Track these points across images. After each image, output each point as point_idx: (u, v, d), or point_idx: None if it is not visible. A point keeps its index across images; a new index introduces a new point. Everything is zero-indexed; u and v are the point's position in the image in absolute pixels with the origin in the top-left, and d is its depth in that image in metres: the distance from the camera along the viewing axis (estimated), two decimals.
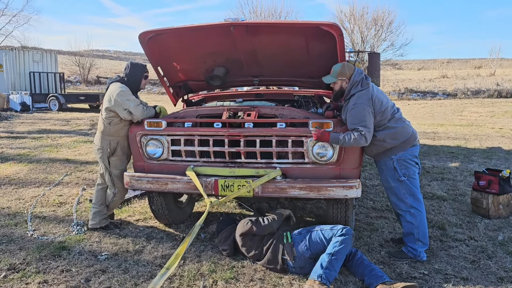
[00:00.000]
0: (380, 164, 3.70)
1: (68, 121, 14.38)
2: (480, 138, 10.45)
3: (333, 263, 3.09)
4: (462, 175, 6.59)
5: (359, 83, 3.53)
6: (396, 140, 3.55)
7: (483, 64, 43.46)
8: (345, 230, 3.25)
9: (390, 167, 3.61)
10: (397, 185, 3.61)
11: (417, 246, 3.59)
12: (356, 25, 28.86)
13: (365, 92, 3.49)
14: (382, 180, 3.78)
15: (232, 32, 3.93)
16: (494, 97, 23.39)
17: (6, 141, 9.83)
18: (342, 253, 3.16)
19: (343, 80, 3.61)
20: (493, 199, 4.56)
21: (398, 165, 3.58)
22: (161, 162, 3.86)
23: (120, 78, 4.09)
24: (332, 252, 3.13)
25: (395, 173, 3.60)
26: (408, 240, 3.64)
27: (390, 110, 3.58)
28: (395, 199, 3.67)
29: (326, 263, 3.08)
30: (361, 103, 3.44)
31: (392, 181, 3.63)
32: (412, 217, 3.60)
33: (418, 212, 3.61)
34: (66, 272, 3.34)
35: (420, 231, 3.60)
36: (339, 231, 3.26)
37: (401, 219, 3.72)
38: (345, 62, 3.73)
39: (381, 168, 3.72)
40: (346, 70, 3.57)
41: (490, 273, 3.36)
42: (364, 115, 3.42)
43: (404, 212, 3.64)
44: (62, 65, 34.02)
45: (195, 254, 3.69)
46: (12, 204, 5.09)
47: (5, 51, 20.25)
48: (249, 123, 3.65)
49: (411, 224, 3.61)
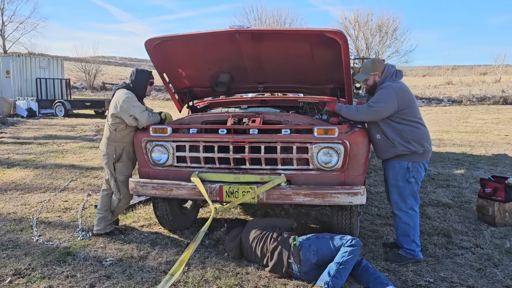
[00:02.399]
0: (394, 162, 3.68)
1: (74, 127, 14.47)
2: (486, 145, 10.40)
3: (340, 272, 3.09)
4: (468, 182, 6.56)
5: (393, 74, 3.67)
6: (420, 145, 3.58)
7: (488, 71, 43.31)
8: (355, 241, 3.27)
9: (404, 167, 3.62)
10: (404, 185, 3.64)
11: (413, 247, 3.65)
12: (361, 32, 28.97)
13: (399, 82, 3.64)
14: (389, 177, 3.75)
15: (237, 39, 3.95)
16: (500, 104, 23.31)
17: (13, 147, 9.90)
18: (350, 263, 3.17)
19: (376, 74, 3.74)
20: (499, 206, 4.53)
21: (412, 167, 3.61)
22: (166, 168, 3.88)
23: (126, 85, 4.12)
24: (341, 261, 3.14)
25: (406, 173, 3.62)
26: (404, 241, 3.67)
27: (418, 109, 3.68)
28: (397, 198, 3.68)
29: (334, 272, 3.09)
30: (392, 88, 3.55)
31: (401, 180, 3.64)
32: (409, 218, 3.65)
33: (415, 214, 3.68)
34: (71, 277, 3.35)
35: (416, 232, 3.68)
36: (348, 241, 3.27)
37: (397, 220, 3.73)
38: (374, 58, 3.84)
39: (393, 166, 3.69)
40: (378, 64, 3.74)
41: (496, 281, 3.33)
42: (384, 98, 3.54)
43: (402, 212, 3.66)
44: (68, 71, 34.29)
45: (199, 260, 3.68)
46: (18, 209, 5.12)
47: (12, 58, 20.48)
48: (254, 129, 3.66)
49: (408, 226, 3.65)
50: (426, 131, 3.68)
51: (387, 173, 3.79)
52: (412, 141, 3.57)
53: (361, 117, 3.61)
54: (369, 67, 3.74)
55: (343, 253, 3.19)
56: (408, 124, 3.58)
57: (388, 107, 3.53)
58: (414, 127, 3.58)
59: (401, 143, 3.57)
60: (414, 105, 3.65)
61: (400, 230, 3.71)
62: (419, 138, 3.59)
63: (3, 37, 43.07)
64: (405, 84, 3.71)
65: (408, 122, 3.58)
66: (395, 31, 28.65)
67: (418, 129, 3.60)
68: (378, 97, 3.60)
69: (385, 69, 3.70)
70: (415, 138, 3.57)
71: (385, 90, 3.59)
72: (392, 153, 3.64)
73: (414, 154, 3.59)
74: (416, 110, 3.66)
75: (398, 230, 3.74)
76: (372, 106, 3.54)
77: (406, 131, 3.57)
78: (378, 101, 3.56)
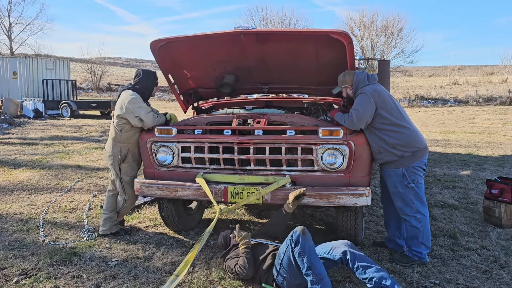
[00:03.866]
0: (388, 170, 3.68)
1: (80, 128, 14.56)
2: (492, 146, 10.33)
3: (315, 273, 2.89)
4: (474, 183, 6.52)
5: (364, 79, 3.66)
6: (407, 148, 3.54)
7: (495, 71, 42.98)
8: (294, 237, 2.97)
9: (399, 174, 3.60)
10: (405, 191, 3.60)
11: (422, 249, 3.62)
12: (366, 32, 28.86)
13: (372, 85, 3.63)
14: (388, 185, 3.74)
15: (242, 40, 3.96)
16: (507, 104, 23.14)
17: (19, 147, 9.98)
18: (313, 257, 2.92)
19: (346, 87, 3.77)
20: (505, 207, 4.50)
21: (407, 172, 3.57)
22: (171, 169, 3.89)
23: (132, 86, 4.14)
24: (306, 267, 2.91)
25: (403, 179, 3.59)
26: (412, 244, 3.64)
27: (399, 109, 3.62)
28: (401, 204, 3.65)
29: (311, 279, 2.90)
30: (365, 92, 3.56)
31: (401, 187, 3.61)
32: (418, 222, 3.62)
33: (423, 217, 3.63)
34: (77, 277, 3.37)
35: (425, 235, 3.63)
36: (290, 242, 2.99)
37: (406, 224, 3.70)
38: (346, 70, 3.83)
39: (388, 174, 3.68)
40: (346, 77, 3.75)
41: (502, 283, 3.31)
42: (361, 102, 3.53)
43: (409, 217, 3.63)
44: (75, 72, 34.52)
45: (204, 261, 3.69)
46: (24, 209, 5.15)
47: (19, 59, 20.65)
48: (258, 130, 3.66)
49: (417, 229, 3.62)
50: (413, 133, 3.59)
51: (386, 181, 3.78)
52: (398, 146, 3.52)
53: (348, 126, 3.53)
54: (340, 80, 3.79)
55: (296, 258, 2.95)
56: (390, 129, 3.52)
57: (366, 110, 3.47)
58: (396, 131, 3.52)
59: (386, 149, 3.54)
60: (393, 107, 3.56)
61: (408, 233, 3.69)
62: (404, 142, 3.53)
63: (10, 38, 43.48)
64: (380, 85, 3.69)
65: (389, 127, 3.52)
66: (401, 31, 28.53)
67: (402, 133, 3.53)
68: (355, 104, 3.56)
69: (354, 79, 3.67)
70: (399, 142, 3.52)
71: (360, 96, 3.56)
72: (380, 159, 3.63)
73: (404, 158, 3.55)
74: (398, 112, 3.57)
75: (407, 233, 3.71)
76: (351, 114, 3.50)
77: (388, 137, 3.52)
78: (355, 108, 3.51)
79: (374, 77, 3.71)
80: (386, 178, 3.73)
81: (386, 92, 3.64)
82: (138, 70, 4.26)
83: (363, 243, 4.07)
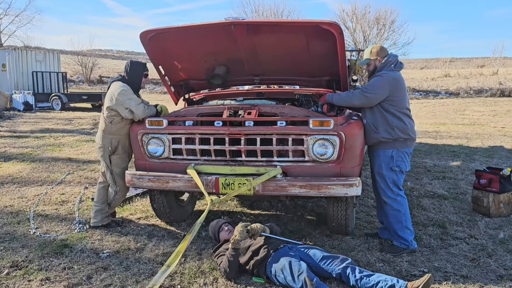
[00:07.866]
0: (378, 151, 3.76)
1: (71, 121, 14.43)
2: (482, 137, 10.44)
3: None
4: (464, 174, 6.59)
5: (392, 63, 3.73)
6: (403, 134, 3.66)
7: (486, 63, 43.31)
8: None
9: (388, 155, 3.70)
10: (388, 173, 3.71)
11: (407, 235, 3.70)
12: (358, 24, 28.79)
13: (395, 72, 3.69)
14: (374, 167, 3.83)
15: (233, 31, 3.94)
16: (497, 96, 23.35)
17: (9, 140, 9.88)
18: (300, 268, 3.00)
19: (376, 59, 3.80)
20: (494, 197, 4.56)
21: (396, 155, 3.68)
22: (162, 161, 3.88)
23: (122, 77, 4.11)
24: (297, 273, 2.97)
25: (390, 161, 3.69)
26: (398, 228, 3.70)
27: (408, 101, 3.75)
28: (384, 185, 3.75)
29: None
30: (384, 77, 3.62)
31: (385, 168, 3.72)
32: (399, 204, 3.71)
33: (403, 199, 3.75)
34: (68, 269, 3.37)
35: (407, 218, 3.74)
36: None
37: (387, 209, 3.76)
38: (381, 46, 3.94)
39: (377, 155, 3.77)
40: (380, 52, 3.81)
41: (490, 271, 3.36)
42: (375, 85, 3.62)
43: (391, 200, 3.72)
44: (65, 64, 34.11)
45: (196, 252, 3.71)
46: (15, 202, 5.12)
47: (8, 51, 20.34)
48: (249, 121, 3.66)
49: (399, 212, 3.71)
50: (412, 123, 3.75)
51: (372, 162, 3.87)
52: (396, 129, 3.64)
53: (353, 101, 3.70)
54: (371, 52, 3.82)
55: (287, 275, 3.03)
56: (395, 113, 3.65)
57: (378, 94, 3.61)
58: (400, 118, 3.66)
59: (385, 129, 3.65)
60: (405, 97, 3.72)
61: (392, 218, 3.75)
62: (403, 128, 3.67)
63: None
64: (401, 75, 3.75)
65: (395, 111, 3.65)
66: (393, 23, 28.48)
67: (404, 120, 3.67)
68: (371, 83, 3.68)
69: (386, 58, 3.76)
70: (399, 126, 3.65)
71: (379, 78, 3.65)
72: (374, 139, 3.71)
73: (397, 142, 3.67)
74: (406, 101, 3.73)
75: (390, 218, 3.77)
76: (365, 92, 3.63)
77: (392, 117, 3.64)
78: (370, 88, 3.64)
79: (401, 66, 3.79)
80: (374, 159, 3.82)
81: (403, 83, 3.74)
82: (127, 61, 4.24)
83: (354, 233, 4.11)
